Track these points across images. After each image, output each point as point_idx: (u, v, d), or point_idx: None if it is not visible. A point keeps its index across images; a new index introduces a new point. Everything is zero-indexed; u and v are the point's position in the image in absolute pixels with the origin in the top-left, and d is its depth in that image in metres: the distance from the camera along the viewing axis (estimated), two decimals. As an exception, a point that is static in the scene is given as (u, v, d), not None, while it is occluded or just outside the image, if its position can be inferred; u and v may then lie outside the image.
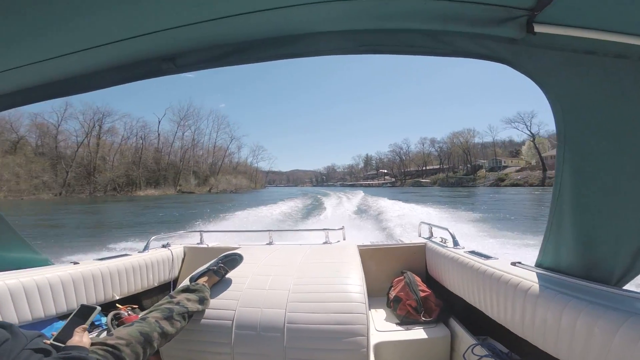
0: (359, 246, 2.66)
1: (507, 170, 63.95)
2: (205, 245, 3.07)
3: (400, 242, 2.99)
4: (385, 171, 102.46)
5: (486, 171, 69.31)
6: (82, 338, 1.07)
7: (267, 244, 3.01)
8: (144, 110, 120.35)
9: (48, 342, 1.04)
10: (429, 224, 2.97)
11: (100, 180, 54.42)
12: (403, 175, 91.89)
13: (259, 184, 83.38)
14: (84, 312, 1.17)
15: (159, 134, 64.15)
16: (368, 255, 2.71)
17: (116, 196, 52.73)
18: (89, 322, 1.14)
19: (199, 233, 3.25)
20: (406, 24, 1.17)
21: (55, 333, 1.10)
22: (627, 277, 1.32)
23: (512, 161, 68.58)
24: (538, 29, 1.01)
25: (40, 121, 53.33)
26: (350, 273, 1.76)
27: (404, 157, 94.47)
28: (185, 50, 1.30)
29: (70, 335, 1.07)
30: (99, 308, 1.19)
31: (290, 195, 36.75)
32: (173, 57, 1.31)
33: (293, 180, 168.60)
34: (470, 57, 1.25)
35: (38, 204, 37.05)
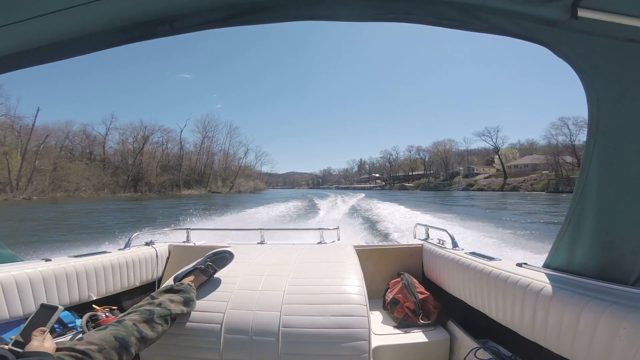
0: (354, 246, 2.42)
1: (477, 177, 70.91)
2: (192, 244, 2.80)
3: (396, 243, 2.79)
4: (377, 175, 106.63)
5: (462, 177, 75.01)
6: (42, 343, 0.90)
7: (259, 243, 2.75)
8: (157, 115, 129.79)
9: (6, 347, 0.89)
10: (426, 225, 2.74)
11: (153, 182, 59.60)
12: (392, 179, 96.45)
13: (264, 185, 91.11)
14: (45, 313, 0.97)
15: (181, 143, 67.89)
16: (364, 255, 2.46)
17: (166, 194, 57.14)
18: (50, 324, 0.96)
19: (185, 231, 2.95)
20: None
21: (14, 337, 0.92)
22: None
23: (483, 169, 74.29)
24: (582, 13, 0.90)
25: (90, 131, 57.86)
26: (349, 273, 1.57)
27: (392, 163, 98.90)
28: (185, 12, 1.08)
29: (30, 339, 0.90)
30: (61, 308, 0.98)
31: (293, 196, 36.42)
32: (170, 19, 1.08)
33: (289, 182, 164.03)
34: (506, 35, 1.08)
35: (128, 199, 40.80)
